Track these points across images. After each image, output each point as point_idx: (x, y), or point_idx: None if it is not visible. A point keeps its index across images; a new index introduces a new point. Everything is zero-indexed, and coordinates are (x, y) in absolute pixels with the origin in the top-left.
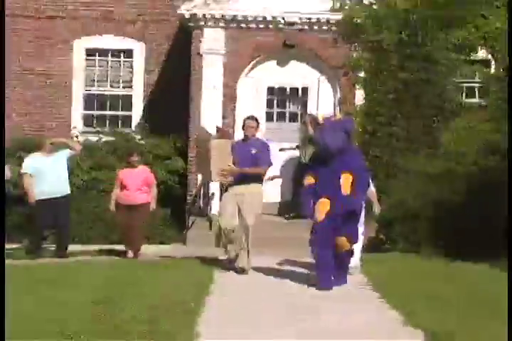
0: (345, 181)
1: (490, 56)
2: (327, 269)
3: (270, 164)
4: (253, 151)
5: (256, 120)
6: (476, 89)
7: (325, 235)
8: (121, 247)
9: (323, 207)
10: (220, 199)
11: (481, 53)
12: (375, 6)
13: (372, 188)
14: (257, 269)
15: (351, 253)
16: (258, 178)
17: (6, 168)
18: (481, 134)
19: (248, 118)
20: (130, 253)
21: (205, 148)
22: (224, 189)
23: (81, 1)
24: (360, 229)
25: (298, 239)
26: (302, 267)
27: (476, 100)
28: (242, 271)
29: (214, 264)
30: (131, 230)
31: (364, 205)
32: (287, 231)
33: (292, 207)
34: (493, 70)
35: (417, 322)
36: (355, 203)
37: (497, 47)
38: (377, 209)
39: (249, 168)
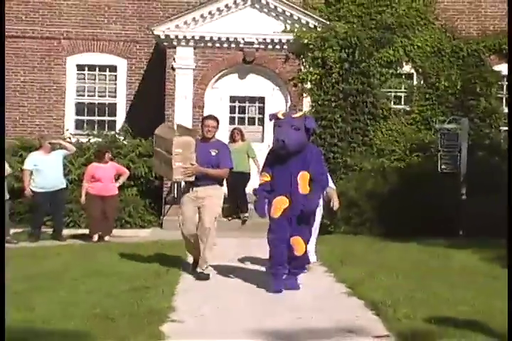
0: (303, 180)
1: (413, 70)
2: (280, 270)
3: (231, 166)
4: (213, 153)
5: (216, 119)
6: (402, 98)
7: (281, 234)
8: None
9: (280, 205)
10: (180, 201)
11: (406, 68)
12: (319, 29)
13: (332, 186)
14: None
15: (305, 255)
16: (218, 180)
17: (6, 164)
18: (406, 135)
19: (207, 117)
20: (95, 238)
21: (167, 146)
22: (182, 190)
23: (73, 24)
24: (317, 223)
25: None
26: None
27: (401, 106)
28: (203, 276)
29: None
30: (104, 217)
31: (322, 203)
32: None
33: (231, 210)
34: (415, 82)
35: (360, 293)
36: (312, 203)
37: (418, 63)
38: (336, 205)
39: (212, 170)
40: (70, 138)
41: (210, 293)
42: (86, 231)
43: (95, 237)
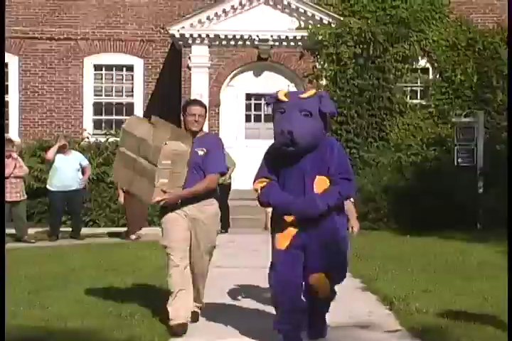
0: (320, 187)
1: (429, 65)
2: (292, 328)
3: (223, 171)
4: (200, 152)
5: (203, 105)
6: (418, 92)
7: (293, 273)
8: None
9: (287, 229)
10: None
11: (422, 62)
12: (333, 25)
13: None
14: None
15: (332, 296)
16: (211, 192)
17: (24, 164)
18: (423, 129)
19: (191, 103)
20: (133, 236)
21: (147, 152)
22: (161, 208)
23: (89, 25)
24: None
25: None
26: None
27: (418, 101)
28: (193, 318)
29: None
30: (140, 215)
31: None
32: None
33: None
34: (431, 76)
35: (374, 288)
36: (336, 221)
37: (434, 57)
38: (355, 227)
39: (198, 187)
40: (88, 137)
41: (228, 287)
42: (105, 229)
43: (133, 236)
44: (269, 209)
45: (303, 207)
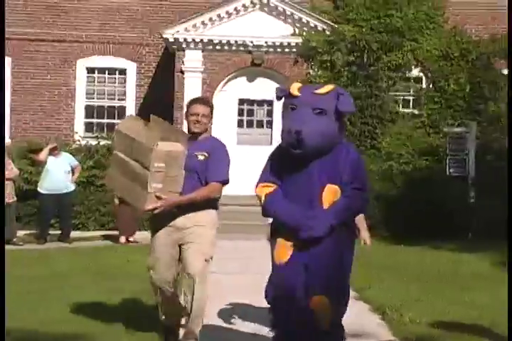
0: (329, 198)
1: (422, 74)
2: None
3: (225, 179)
4: (200, 156)
5: (208, 104)
6: (411, 101)
7: (292, 290)
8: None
9: (288, 241)
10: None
11: (415, 71)
12: (328, 32)
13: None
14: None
15: (336, 329)
16: (208, 203)
17: (14, 166)
18: (414, 138)
19: (195, 101)
20: (123, 239)
21: (139, 153)
22: (151, 219)
23: (83, 27)
24: None
25: None
26: None
27: (410, 110)
28: None
29: None
30: (132, 219)
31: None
32: None
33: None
34: (424, 85)
35: (367, 297)
36: (321, 225)
37: (427, 67)
38: (368, 240)
39: (196, 194)
40: (79, 140)
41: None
42: (94, 233)
43: (123, 238)
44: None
45: (308, 228)
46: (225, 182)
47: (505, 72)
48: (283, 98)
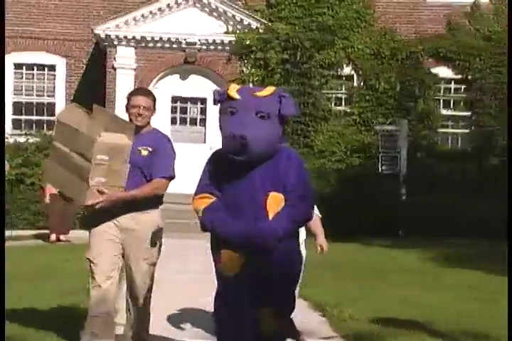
0: (274, 205)
1: (353, 72)
2: None
3: (171, 175)
4: (144, 152)
5: (150, 95)
6: (343, 99)
7: (239, 304)
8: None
9: (234, 253)
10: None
11: (347, 70)
12: (261, 30)
13: (316, 212)
14: None
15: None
16: (153, 200)
17: None
18: (347, 136)
19: (136, 92)
20: (53, 237)
21: (80, 145)
22: (90, 214)
23: (10, 22)
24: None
25: None
26: None
27: (342, 108)
28: None
29: None
30: (64, 217)
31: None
32: None
33: None
34: (355, 84)
35: (305, 295)
36: (271, 235)
37: (358, 65)
38: (324, 246)
39: (139, 191)
40: (7, 138)
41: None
42: (22, 232)
43: (53, 236)
44: None
45: (251, 242)
46: (171, 177)
47: (434, 71)
48: (220, 101)
